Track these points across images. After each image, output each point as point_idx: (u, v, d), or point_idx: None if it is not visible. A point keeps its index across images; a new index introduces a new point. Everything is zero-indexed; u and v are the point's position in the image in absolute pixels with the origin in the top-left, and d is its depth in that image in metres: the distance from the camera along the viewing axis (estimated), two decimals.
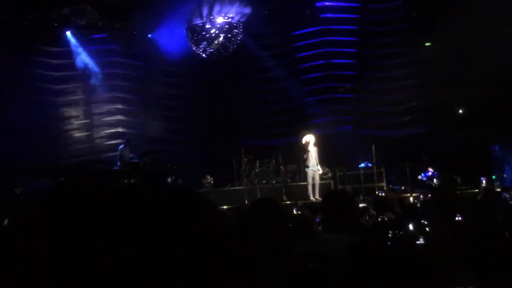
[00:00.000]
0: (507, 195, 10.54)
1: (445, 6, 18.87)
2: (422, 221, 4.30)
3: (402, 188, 18.14)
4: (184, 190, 1.00)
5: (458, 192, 14.34)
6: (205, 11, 19.01)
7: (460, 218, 5.48)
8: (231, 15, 19.27)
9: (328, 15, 22.11)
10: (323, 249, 3.44)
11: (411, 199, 14.93)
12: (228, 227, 1.00)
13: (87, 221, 0.87)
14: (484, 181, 16.92)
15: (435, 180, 17.23)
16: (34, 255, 0.85)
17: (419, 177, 18.08)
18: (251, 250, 1.07)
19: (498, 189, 14.80)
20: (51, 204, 0.91)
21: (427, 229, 4.18)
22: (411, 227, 4.50)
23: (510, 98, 17.73)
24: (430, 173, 17.94)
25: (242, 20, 19.61)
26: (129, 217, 0.89)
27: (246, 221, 3.97)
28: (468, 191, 15.98)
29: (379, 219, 7.40)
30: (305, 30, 22.27)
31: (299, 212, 9.00)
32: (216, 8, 18.94)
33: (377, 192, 16.64)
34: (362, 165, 19.28)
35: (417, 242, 4.41)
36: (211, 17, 19.11)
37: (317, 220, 6.57)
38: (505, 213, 5.75)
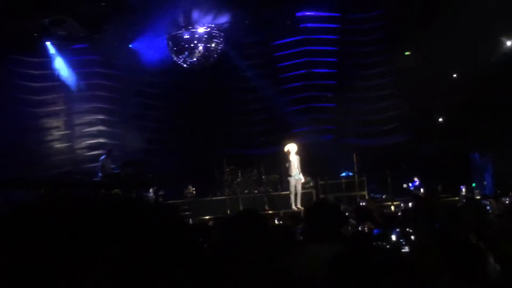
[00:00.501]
0: (487, 202, 10.64)
1: (424, 15, 19.06)
2: (407, 229, 4.33)
3: (384, 196, 18.22)
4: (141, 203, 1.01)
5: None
6: (185, 21, 19.03)
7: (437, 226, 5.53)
8: (211, 25, 19.30)
9: (308, 24, 22.24)
10: (305, 259, 3.45)
11: (392, 208, 14.99)
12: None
13: (48, 241, 0.87)
14: (464, 189, 17.06)
15: (421, 190, 17.35)
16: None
17: (405, 185, 18.19)
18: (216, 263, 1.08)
19: (478, 197, 14.96)
20: (16, 224, 0.92)
21: (412, 237, 4.21)
22: (393, 237, 4.53)
23: (489, 106, 17.92)
24: (417, 183, 18.07)
25: (222, 30, 19.65)
26: (89, 235, 0.89)
27: (228, 232, 3.99)
28: (448, 199, 16.09)
29: (359, 228, 7.44)
30: (285, 40, 22.38)
31: (281, 222, 9.00)
32: (197, 18, 18.97)
33: (358, 201, 16.70)
34: (343, 174, 19.35)
35: (403, 250, 4.44)
36: (192, 27, 19.13)
37: (298, 230, 6.58)
38: (483, 220, 5.81)
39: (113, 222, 0.93)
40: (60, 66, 20.80)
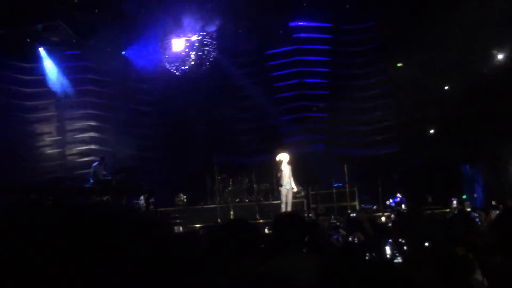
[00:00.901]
0: (476, 215, 10.67)
1: (416, 27, 19.15)
2: (400, 239, 4.35)
3: (374, 207, 18.25)
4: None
5: (428, 212, 14.50)
6: (178, 29, 19.04)
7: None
8: (204, 33, 19.33)
9: (301, 34, 22.32)
10: (284, 269, 3.45)
11: (383, 218, 15.02)
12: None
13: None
14: (455, 202, 17.08)
15: (403, 206, 17.33)
16: None
17: (388, 202, 18.21)
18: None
19: (469, 209, 14.98)
20: None
21: (404, 248, 4.22)
22: (387, 248, 4.55)
23: (481, 118, 18.00)
24: (398, 199, 18.08)
25: (215, 38, 19.68)
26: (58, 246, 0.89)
27: (218, 241, 3.98)
28: (438, 210, 16.13)
29: (350, 239, 7.45)
30: (278, 50, 22.43)
31: (271, 231, 8.99)
32: (190, 26, 18.99)
33: (348, 212, 16.71)
34: (335, 185, 19.39)
35: (395, 261, 4.45)
36: (185, 35, 19.15)
37: None
38: (471, 233, 5.82)
39: (76, 228, 0.93)
40: (52, 72, 20.76)
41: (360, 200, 18.70)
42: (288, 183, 16.17)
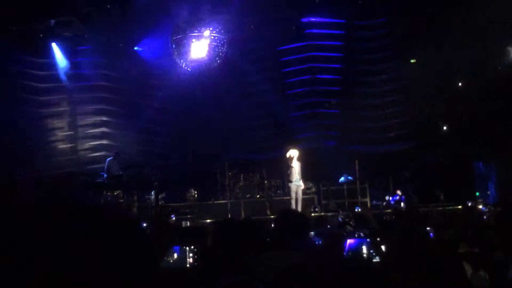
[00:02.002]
0: (486, 209, 10.57)
1: (430, 23, 19.02)
2: (378, 239, 4.31)
3: (384, 203, 18.18)
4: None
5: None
6: (190, 25, 19.05)
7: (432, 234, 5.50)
8: (216, 29, 19.32)
9: (313, 30, 22.23)
10: (265, 267, 3.44)
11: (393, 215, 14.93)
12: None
13: None
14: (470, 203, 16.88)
15: (402, 204, 17.22)
16: None
17: (387, 197, 18.13)
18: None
19: (480, 206, 14.87)
20: None
21: (382, 247, 4.19)
22: (364, 248, 4.51)
23: (493, 115, 17.85)
24: (397, 197, 17.98)
25: (227, 34, 19.66)
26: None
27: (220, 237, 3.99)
28: (451, 207, 16.00)
29: (356, 236, 7.40)
30: (290, 46, 22.37)
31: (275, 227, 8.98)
32: (201, 21, 18.99)
33: (356, 209, 16.66)
34: (342, 178, 19.34)
35: (374, 260, 4.41)
36: (197, 31, 19.15)
37: None
38: (477, 228, 5.79)
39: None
40: (65, 67, 20.87)
41: (371, 196, 18.61)
42: (298, 180, 16.13)
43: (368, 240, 4.56)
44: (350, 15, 21.97)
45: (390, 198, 17.95)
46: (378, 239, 4.29)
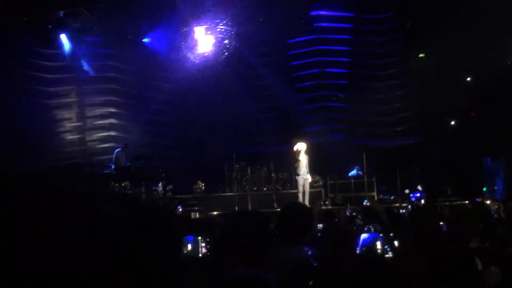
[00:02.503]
0: (496, 206, 10.54)
1: (438, 17, 18.95)
2: (391, 234, 4.30)
3: (392, 198, 18.16)
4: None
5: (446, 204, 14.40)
6: (198, 17, 19.04)
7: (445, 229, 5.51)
8: (224, 22, 19.30)
9: (322, 24, 22.19)
10: (272, 263, 3.46)
11: (401, 210, 14.93)
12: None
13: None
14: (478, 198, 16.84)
15: (422, 201, 17.16)
16: None
17: (406, 191, 18.08)
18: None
19: (488, 201, 14.84)
20: None
21: (395, 242, 4.20)
22: (378, 244, 4.50)
23: (502, 110, 17.79)
24: (418, 194, 17.92)
25: (236, 26, 19.64)
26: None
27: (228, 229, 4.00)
28: (458, 202, 15.99)
29: (365, 229, 7.41)
30: (299, 39, 22.34)
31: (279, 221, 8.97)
32: (210, 14, 18.98)
33: (364, 203, 16.65)
34: (353, 172, 19.33)
35: (386, 256, 4.42)
36: (205, 23, 19.14)
37: None
38: (488, 223, 5.80)
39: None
40: (74, 58, 20.90)
41: (378, 190, 18.61)
42: (305, 173, 16.14)
43: (381, 235, 4.56)
44: (359, 8, 21.93)
45: (411, 195, 17.86)
46: (391, 234, 4.29)
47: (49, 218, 0.92)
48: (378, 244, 4.51)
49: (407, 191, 18.15)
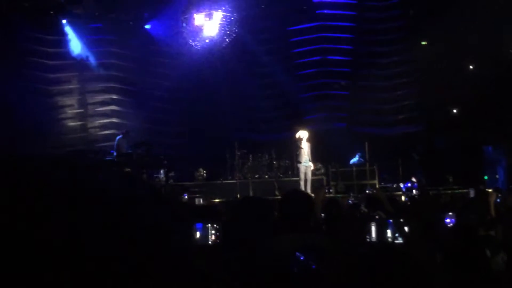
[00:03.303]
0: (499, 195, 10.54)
1: (442, 6, 18.88)
2: (401, 220, 4.29)
3: (394, 186, 18.18)
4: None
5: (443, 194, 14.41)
6: (200, 3, 18.97)
7: (448, 220, 5.51)
8: (227, 8, 19.23)
9: (325, 11, 22.11)
10: (278, 249, 3.46)
11: (402, 197, 14.95)
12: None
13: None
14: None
15: (414, 191, 17.14)
16: None
17: (400, 185, 18.10)
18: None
19: (490, 190, 14.85)
20: None
21: (405, 228, 4.19)
22: (388, 231, 4.50)
23: (504, 99, 17.78)
24: (409, 184, 17.91)
25: (237, 13, 19.57)
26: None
27: (235, 215, 4.00)
28: (459, 191, 16.01)
29: (371, 215, 7.41)
30: (301, 26, 22.26)
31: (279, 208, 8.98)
32: (211, 0, 18.90)
33: (366, 191, 16.65)
34: (355, 158, 19.32)
35: (396, 242, 4.42)
36: (207, 10, 19.07)
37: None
38: (495, 212, 5.81)
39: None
40: (75, 44, 20.84)
41: (380, 178, 18.62)
42: (307, 161, 16.14)
43: (391, 221, 4.56)
44: None
45: (402, 186, 17.91)
46: (401, 220, 4.29)
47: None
48: (389, 232, 4.50)
49: (401, 184, 18.15)
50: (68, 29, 20.60)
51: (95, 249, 0.86)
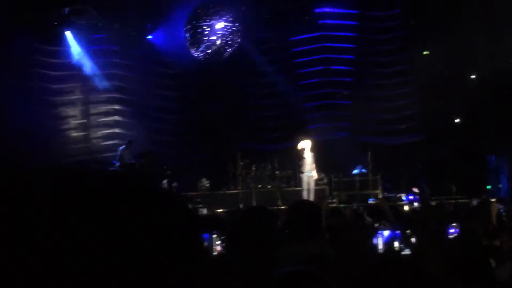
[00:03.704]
0: (500, 206, 10.54)
1: (443, 15, 18.93)
2: (408, 231, 4.31)
3: (397, 196, 18.16)
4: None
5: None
6: (203, 14, 19.05)
7: (452, 230, 5.52)
8: (229, 19, 19.30)
9: (326, 21, 22.16)
10: (287, 258, 3.48)
11: (405, 207, 14.94)
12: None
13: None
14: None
15: (415, 204, 17.00)
16: None
17: (402, 195, 18.02)
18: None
19: (493, 199, 14.82)
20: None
21: (412, 239, 4.21)
22: (396, 242, 4.52)
23: (506, 108, 17.78)
24: (412, 197, 17.77)
25: (240, 23, 19.64)
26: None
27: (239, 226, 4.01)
28: (462, 200, 15.99)
29: (375, 226, 7.42)
30: (303, 36, 22.30)
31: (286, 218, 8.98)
32: (215, 11, 18.97)
33: (369, 201, 16.65)
34: (357, 170, 19.30)
35: (402, 253, 4.43)
36: (210, 20, 19.14)
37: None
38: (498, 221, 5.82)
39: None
40: (79, 55, 20.91)
41: (383, 188, 18.60)
42: (309, 171, 16.15)
43: (399, 233, 4.58)
44: (363, 6, 21.90)
45: (404, 198, 17.81)
46: (408, 231, 4.31)
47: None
48: (396, 242, 4.52)
49: (403, 196, 18.06)
50: (71, 40, 20.68)
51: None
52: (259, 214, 3.94)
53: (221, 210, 15.52)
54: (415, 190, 18.21)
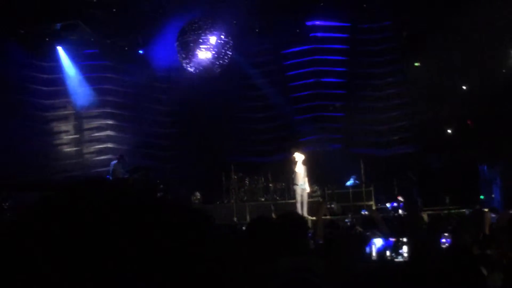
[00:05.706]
0: (494, 216, 10.52)
1: (434, 27, 19.04)
2: (400, 239, 4.32)
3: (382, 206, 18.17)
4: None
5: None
6: (195, 29, 19.08)
7: (444, 240, 5.52)
8: (221, 32, 19.34)
9: (318, 34, 22.27)
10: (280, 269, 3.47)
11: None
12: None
13: (77, 225, 0.90)
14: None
15: (400, 211, 17.05)
16: (29, 255, 0.88)
17: (387, 205, 18.05)
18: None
19: (486, 209, 14.82)
20: (45, 210, 0.94)
21: (404, 247, 4.21)
22: (387, 252, 4.52)
23: (498, 118, 17.84)
24: (395, 204, 17.80)
25: (232, 37, 19.68)
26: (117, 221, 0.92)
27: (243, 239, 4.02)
28: (455, 211, 15.98)
29: (367, 234, 7.41)
30: (295, 49, 22.41)
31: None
32: (207, 25, 19.01)
33: (362, 212, 16.65)
34: (350, 181, 19.30)
35: (396, 260, 4.44)
36: (202, 34, 19.17)
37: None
38: (490, 231, 5.82)
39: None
40: (71, 70, 20.91)
41: (376, 199, 18.60)
42: (302, 184, 16.12)
43: (391, 241, 4.58)
44: (354, 18, 22.02)
45: (388, 205, 17.86)
46: (400, 240, 4.31)
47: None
48: (387, 251, 4.52)
49: (387, 204, 18.09)
50: (63, 55, 20.68)
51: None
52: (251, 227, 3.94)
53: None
54: (400, 198, 18.23)
